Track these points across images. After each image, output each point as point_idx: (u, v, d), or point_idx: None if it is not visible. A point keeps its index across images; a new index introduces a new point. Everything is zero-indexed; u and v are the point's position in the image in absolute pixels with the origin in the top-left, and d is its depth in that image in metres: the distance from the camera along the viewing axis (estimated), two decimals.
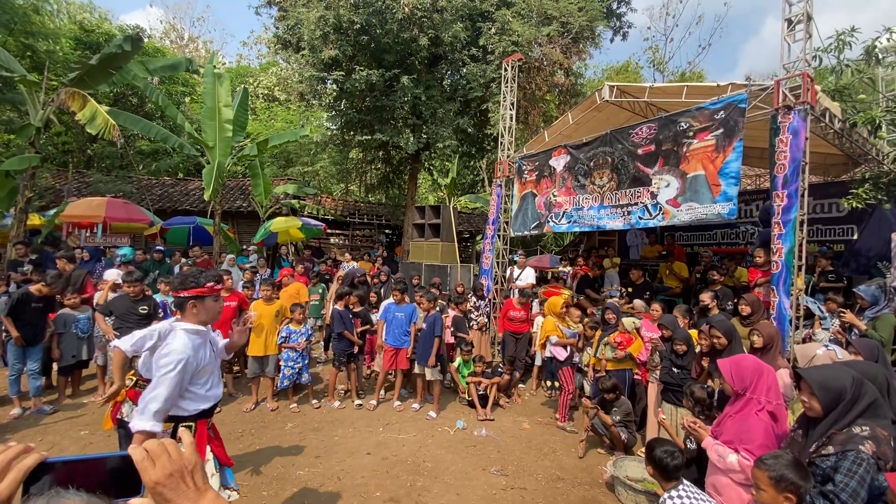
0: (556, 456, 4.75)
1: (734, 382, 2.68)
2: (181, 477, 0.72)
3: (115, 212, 9.44)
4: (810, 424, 2.25)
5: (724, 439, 2.58)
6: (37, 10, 12.85)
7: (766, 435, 2.45)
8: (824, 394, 2.14)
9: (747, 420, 2.51)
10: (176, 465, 0.72)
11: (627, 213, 6.11)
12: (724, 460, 2.52)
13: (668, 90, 6.21)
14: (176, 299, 2.45)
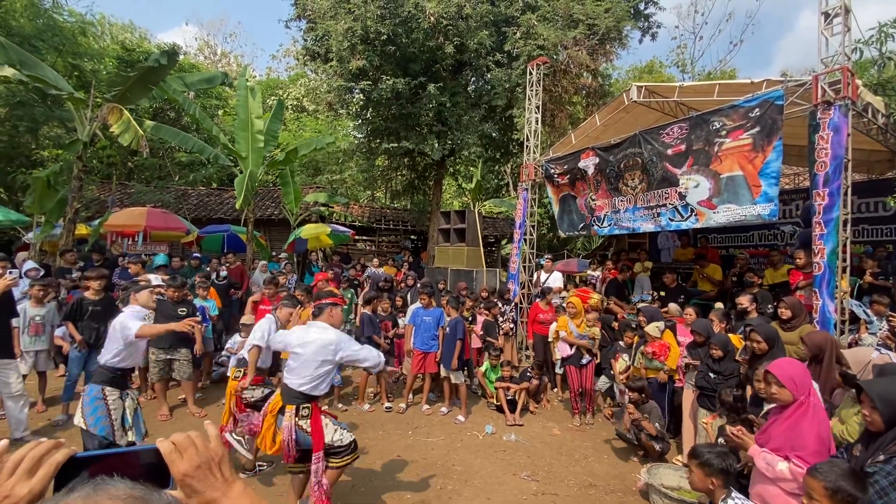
0: (587, 462, 4.67)
1: (797, 391, 2.54)
2: (209, 468, 0.73)
3: (154, 221, 9.89)
4: (871, 438, 2.15)
5: (773, 447, 2.46)
6: (83, 32, 13.66)
7: (820, 441, 2.34)
8: (886, 407, 2.03)
9: (799, 426, 2.40)
10: (203, 456, 0.73)
11: (657, 214, 6.00)
12: (773, 469, 2.41)
13: (699, 89, 6.08)
14: (318, 306, 3.31)
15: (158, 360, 5.16)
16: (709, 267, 7.27)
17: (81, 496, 0.45)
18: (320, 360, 3.17)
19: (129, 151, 15.71)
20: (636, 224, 6.42)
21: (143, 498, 0.46)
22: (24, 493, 0.59)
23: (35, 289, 5.27)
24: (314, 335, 3.21)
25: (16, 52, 7.25)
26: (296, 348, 3.21)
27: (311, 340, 3.18)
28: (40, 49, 10.92)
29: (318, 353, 3.15)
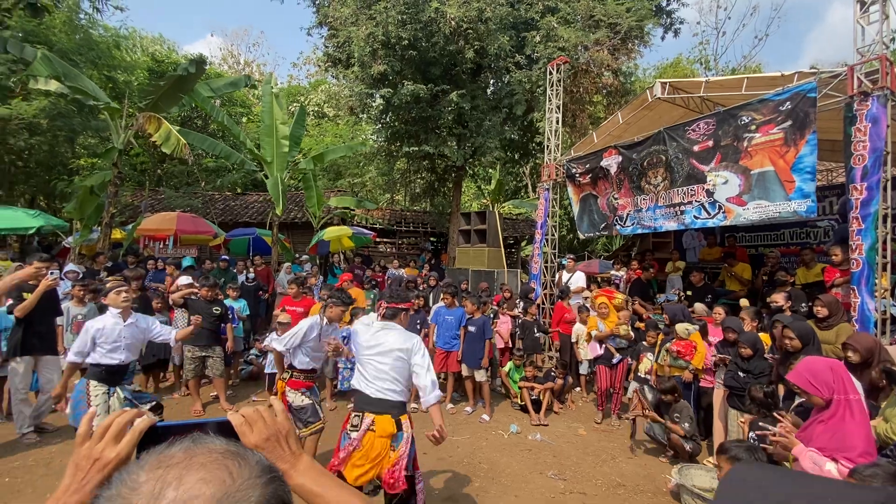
0: (615, 463, 4.61)
1: (821, 391, 2.48)
2: (277, 441, 0.76)
3: (184, 225, 10.22)
4: None
5: (816, 447, 2.40)
6: (117, 46, 14.25)
7: (868, 441, 2.26)
8: None
9: (843, 427, 2.32)
10: (272, 429, 0.76)
11: (680, 212, 5.90)
12: (821, 469, 2.33)
13: (726, 84, 5.96)
14: (392, 309, 3.04)
15: (194, 357, 5.32)
16: (737, 266, 7.10)
17: (183, 448, 0.49)
18: (400, 364, 2.91)
19: (159, 159, 16.30)
20: (658, 223, 6.33)
21: (238, 452, 0.50)
22: (112, 456, 0.64)
23: (76, 289, 5.52)
24: (397, 339, 2.93)
25: (60, 65, 7.64)
26: (375, 353, 2.91)
27: (392, 344, 2.90)
28: (78, 63, 11.43)
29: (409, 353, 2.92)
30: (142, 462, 0.47)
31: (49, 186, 14.52)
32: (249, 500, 0.44)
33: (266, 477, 0.48)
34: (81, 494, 0.63)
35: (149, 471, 0.45)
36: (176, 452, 0.47)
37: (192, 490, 0.43)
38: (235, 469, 0.46)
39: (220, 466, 0.46)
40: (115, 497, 0.43)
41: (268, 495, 0.46)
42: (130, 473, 0.45)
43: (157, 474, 0.45)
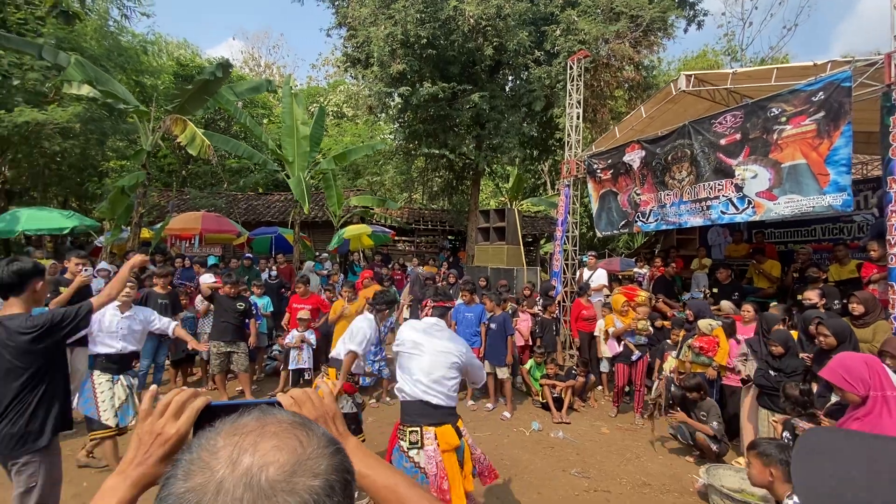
0: (640, 462, 4.54)
1: (856, 388, 2.40)
2: (325, 422, 0.78)
3: (209, 224, 10.48)
4: None
5: None
6: (145, 51, 14.67)
7: None
8: None
9: (880, 423, 2.24)
10: (320, 410, 0.78)
11: (707, 207, 5.76)
12: None
13: (755, 75, 5.79)
14: (441, 308, 2.92)
15: (220, 352, 5.45)
16: (766, 263, 6.90)
17: (254, 418, 0.51)
18: (456, 366, 2.72)
19: (184, 160, 16.73)
20: (682, 219, 6.21)
21: (305, 423, 0.52)
22: (172, 432, 0.68)
23: None
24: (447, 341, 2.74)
25: (92, 70, 7.92)
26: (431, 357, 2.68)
27: (451, 348, 2.69)
28: (108, 68, 11.81)
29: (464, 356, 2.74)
30: (217, 429, 0.49)
31: (81, 188, 15.06)
32: (320, 468, 0.46)
33: (332, 448, 0.50)
34: (145, 467, 0.67)
35: (225, 437, 0.47)
36: (249, 421, 0.50)
37: (267, 456, 0.45)
38: (305, 438, 0.48)
39: (290, 435, 0.48)
40: (196, 460, 0.46)
41: (335, 465, 0.48)
42: (209, 439, 0.48)
43: (234, 440, 0.46)
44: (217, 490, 0.42)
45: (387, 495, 0.80)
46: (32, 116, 9.69)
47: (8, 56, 10.17)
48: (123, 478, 0.67)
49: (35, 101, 10.72)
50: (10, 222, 8.90)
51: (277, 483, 0.43)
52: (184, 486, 0.44)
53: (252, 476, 0.43)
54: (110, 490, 0.66)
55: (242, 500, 0.41)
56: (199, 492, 0.42)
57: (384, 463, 0.85)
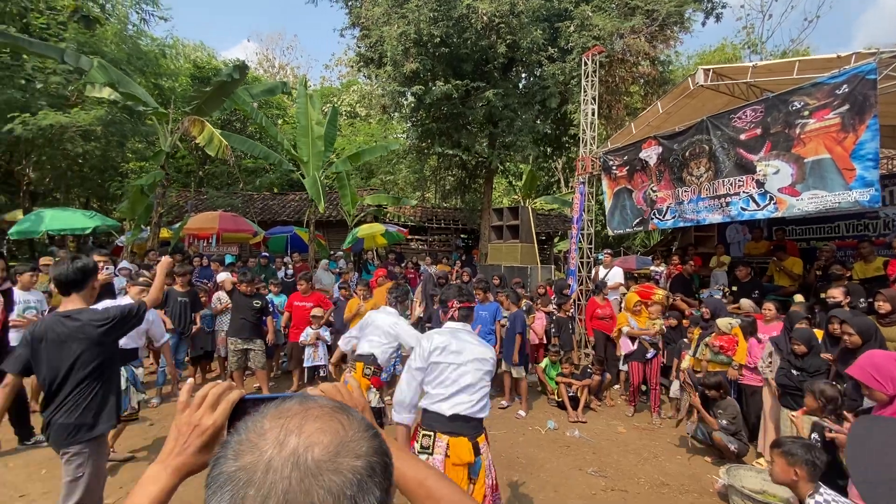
0: (657, 461, 4.49)
1: (885, 387, 2.35)
2: None
3: (226, 224, 10.63)
4: None
5: None
6: (163, 54, 14.94)
7: None
8: None
9: None
10: (350, 403, 0.78)
11: (726, 204, 5.66)
12: None
13: (776, 68, 5.66)
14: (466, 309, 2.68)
15: (237, 349, 5.53)
16: (787, 260, 6.75)
17: (297, 402, 0.53)
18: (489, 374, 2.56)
19: (202, 160, 17.01)
20: (701, 216, 6.10)
21: (345, 408, 0.54)
22: (209, 423, 0.70)
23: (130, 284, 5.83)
24: (478, 346, 2.56)
25: (115, 73, 8.10)
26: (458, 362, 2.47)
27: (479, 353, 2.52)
28: (128, 71, 12.07)
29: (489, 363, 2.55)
30: (263, 413, 0.51)
31: (102, 189, 15.42)
32: (361, 449, 0.48)
33: (372, 432, 0.51)
34: (184, 456, 0.70)
35: (271, 420, 0.49)
36: (292, 405, 0.51)
37: (312, 438, 0.47)
38: (346, 421, 0.50)
39: (332, 419, 0.50)
40: (245, 441, 0.47)
41: (375, 447, 0.49)
42: (255, 422, 0.49)
43: (280, 423, 0.48)
44: (266, 469, 0.44)
45: (415, 487, 0.81)
46: (56, 119, 9.95)
47: (31, 60, 10.45)
48: (164, 467, 0.70)
49: (58, 104, 11.01)
50: (34, 222, 9.16)
51: (323, 463, 0.45)
52: (234, 465, 0.45)
53: (299, 456, 0.45)
54: (151, 478, 0.69)
55: (290, 478, 0.43)
56: (250, 470, 0.44)
57: (413, 455, 0.86)
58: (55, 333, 2.39)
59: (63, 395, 2.39)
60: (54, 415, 2.39)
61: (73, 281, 2.49)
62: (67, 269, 2.47)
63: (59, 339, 2.38)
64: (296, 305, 6.31)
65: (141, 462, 4.12)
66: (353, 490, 0.44)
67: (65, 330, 2.39)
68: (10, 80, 10.14)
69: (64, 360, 2.38)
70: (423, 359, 2.47)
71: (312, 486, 0.43)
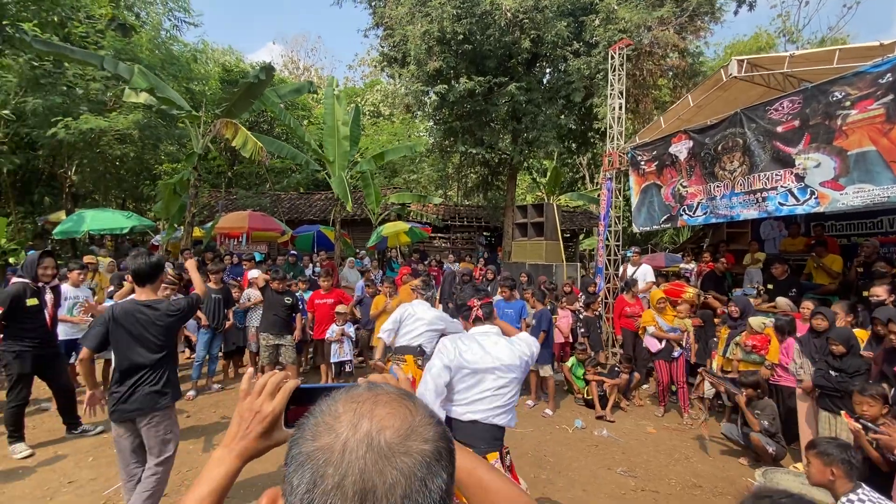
0: (689, 462, 4.40)
1: None
2: None
3: (255, 223, 10.93)
4: None
5: None
6: (195, 59, 15.40)
7: None
8: None
9: None
10: None
11: (762, 199, 5.46)
12: None
13: (814, 57, 5.44)
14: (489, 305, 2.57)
15: (269, 345, 5.67)
16: (827, 257, 6.48)
17: (366, 388, 0.55)
18: (520, 378, 2.38)
19: (231, 162, 17.48)
20: (735, 211, 5.91)
21: (410, 395, 0.56)
22: (268, 410, 0.74)
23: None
24: (505, 348, 2.36)
25: (152, 79, 8.43)
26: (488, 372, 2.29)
27: (506, 358, 2.32)
28: (162, 76, 12.51)
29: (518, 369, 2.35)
30: (335, 397, 0.54)
31: (137, 190, 16.03)
32: (429, 434, 0.50)
33: (436, 419, 0.54)
34: (246, 441, 0.74)
35: (344, 404, 0.52)
36: (362, 391, 0.54)
37: (383, 421, 0.49)
38: (412, 407, 0.53)
39: (400, 404, 0.52)
40: (321, 424, 0.50)
41: (441, 433, 0.52)
42: (329, 406, 0.52)
43: (353, 407, 0.51)
44: (343, 449, 0.47)
45: (465, 477, 0.83)
46: (96, 123, 10.39)
47: (72, 68, 10.94)
48: (228, 451, 0.74)
49: (97, 109, 11.49)
50: (76, 223, 9.62)
51: (394, 445, 0.47)
52: (312, 445, 0.48)
53: (372, 438, 0.47)
54: (217, 461, 0.73)
55: (365, 458, 0.46)
56: (327, 450, 0.47)
57: (462, 445, 0.88)
58: (134, 318, 2.80)
59: (144, 371, 2.81)
60: (138, 386, 2.79)
61: (149, 274, 2.88)
62: (145, 264, 2.86)
63: (139, 323, 2.80)
64: (317, 303, 6.39)
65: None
66: (423, 472, 0.47)
67: (143, 317, 2.81)
68: (53, 87, 10.63)
69: (144, 341, 2.81)
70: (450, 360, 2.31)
71: (386, 467, 0.46)
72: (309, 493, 0.45)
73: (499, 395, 2.29)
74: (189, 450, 4.23)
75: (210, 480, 0.72)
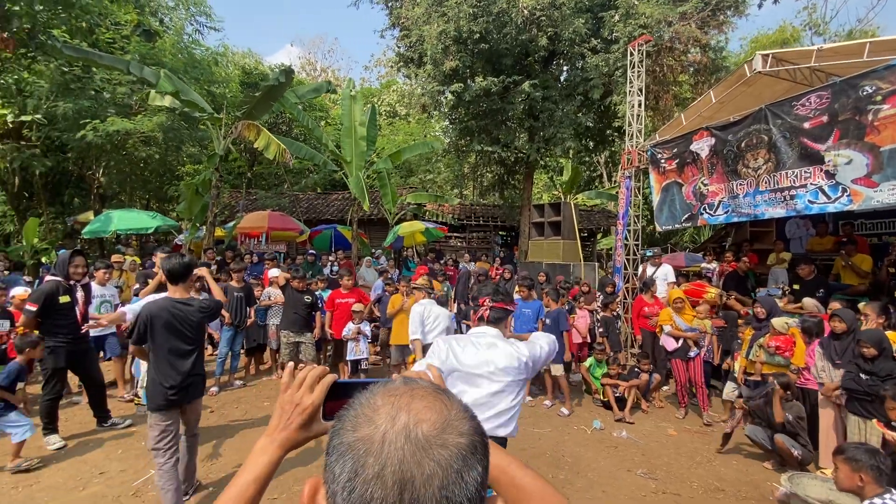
0: (711, 466, 4.32)
1: None
2: None
3: (275, 223, 11.12)
4: None
5: None
6: (216, 63, 15.71)
7: None
8: None
9: None
10: None
11: (790, 197, 5.32)
12: None
13: (843, 50, 5.28)
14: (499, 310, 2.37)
15: (289, 342, 5.77)
16: (856, 256, 6.28)
17: (403, 382, 0.58)
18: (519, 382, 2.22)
19: (251, 162, 17.79)
20: (759, 210, 5.77)
21: (445, 390, 0.58)
22: (308, 402, 0.77)
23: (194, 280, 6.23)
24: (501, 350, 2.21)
25: (176, 82, 8.65)
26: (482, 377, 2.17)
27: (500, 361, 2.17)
28: (185, 80, 12.81)
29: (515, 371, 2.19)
30: (373, 391, 0.56)
31: (160, 191, 16.45)
32: (464, 428, 0.52)
33: (470, 413, 0.55)
34: (288, 431, 0.77)
35: (382, 397, 0.54)
36: (399, 385, 0.56)
37: (420, 415, 0.51)
38: (447, 402, 0.55)
39: (436, 399, 0.54)
40: (361, 416, 0.52)
41: (475, 427, 0.53)
42: (368, 399, 0.55)
43: (391, 400, 0.53)
44: (382, 440, 0.49)
45: (498, 474, 0.85)
46: (122, 126, 10.71)
47: (100, 73, 11.29)
48: (271, 440, 0.77)
49: (123, 112, 11.83)
50: (104, 223, 9.92)
51: (431, 438, 0.49)
52: (353, 435, 0.50)
53: (409, 430, 0.49)
54: (261, 449, 0.77)
55: (403, 450, 0.48)
56: (367, 441, 0.49)
57: (495, 443, 0.90)
58: (170, 314, 3.04)
59: (187, 361, 3.10)
60: (188, 376, 3.11)
61: (181, 273, 3.14)
62: (178, 264, 3.12)
63: (175, 318, 3.05)
64: (338, 302, 6.33)
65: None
66: (459, 464, 0.49)
67: (179, 313, 3.08)
68: (82, 92, 10.98)
69: (181, 335, 3.09)
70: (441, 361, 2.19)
71: (424, 459, 0.47)
72: (350, 481, 0.47)
73: (495, 401, 2.14)
74: (214, 444, 4.34)
75: (254, 468, 0.75)
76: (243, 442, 4.41)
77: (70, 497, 3.38)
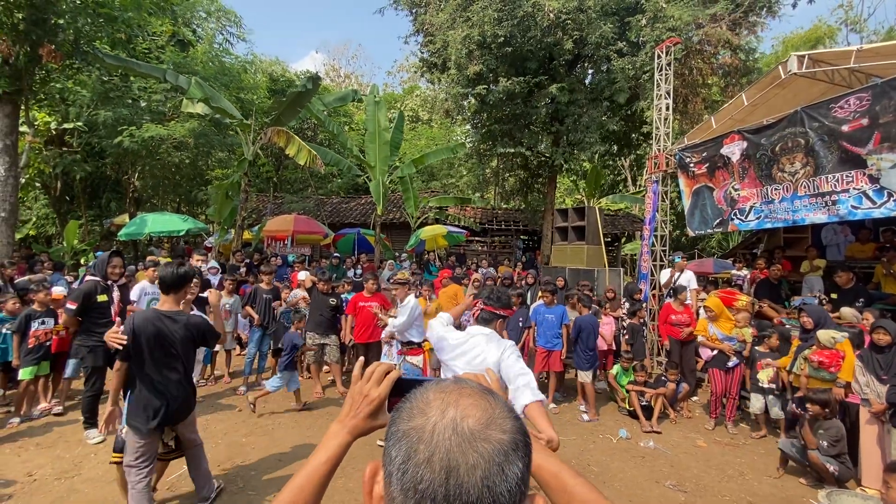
0: (744, 480, 4.18)
1: None
2: None
3: (300, 226, 11.33)
4: None
5: None
6: (245, 70, 16.18)
7: None
8: None
9: None
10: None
11: (832, 202, 5.12)
12: None
13: (884, 51, 5.07)
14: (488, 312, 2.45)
15: (314, 343, 5.87)
16: None
17: (453, 381, 0.62)
18: None
19: (277, 167, 18.22)
20: (798, 215, 5.56)
21: (490, 390, 0.62)
22: (375, 395, 0.84)
23: (227, 282, 6.41)
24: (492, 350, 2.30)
25: (207, 90, 8.95)
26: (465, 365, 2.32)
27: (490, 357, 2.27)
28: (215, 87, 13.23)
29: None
30: (426, 387, 0.61)
31: (190, 195, 16.99)
32: (507, 426, 0.56)
33: (514, 413, 0.59)
34: (357, 420, 0.84)
35: (434, 392, 0.59)
36: (450, 384, 0.61)
37: (467, 410, 0.56)
38: (492, 401, 0.59)
39: (482, 398, 0.58)
40: (415, 408, 0.58)
41: (518, 426, 0.57)
42: (422, 393, 0.60)
43: (441, 396, 0.58)
44: (433, 430, 0.54)
45: (549, 479, 0.88)
46: (156, 132, 11.13)
47: (137, 81, 11.78)
48: (342, 426, 0.85)
49: (158, 119, 12.30)
50: (139, 225, 10.31)
51: (476, 432, 0.54)
52: (408, 424, 0.56)
53: (457, 423, 0.54)
54: (333, 434, 0.85)
55: (451, 440, 0.53)
56: (420, 430, 0.55)
57: (548, 450, 0.93)
58: (155, 328, 2.84)
59: (171, 383, 2.93)
60: (173, 401, 2.93)
61: (174, 284, 2.95)
62: (171, 273, 2.94)
63: (161, 333, 2.86)
64: (360, 306, 6.13)
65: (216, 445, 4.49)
66: (500, 458, 0.52)
67: (164, 328, 2.88)
68: (120, 100, 11.48)
69: (167, 352, 2.89)
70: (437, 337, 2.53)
71: (468, 450, 0.52)
72: (404, 463, 0.53)
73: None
74: (241, 442, 4.44)
75: (327, 449, 0.83)
76: (271, 441, 4.51)
77: (109, 489, 3.51)
